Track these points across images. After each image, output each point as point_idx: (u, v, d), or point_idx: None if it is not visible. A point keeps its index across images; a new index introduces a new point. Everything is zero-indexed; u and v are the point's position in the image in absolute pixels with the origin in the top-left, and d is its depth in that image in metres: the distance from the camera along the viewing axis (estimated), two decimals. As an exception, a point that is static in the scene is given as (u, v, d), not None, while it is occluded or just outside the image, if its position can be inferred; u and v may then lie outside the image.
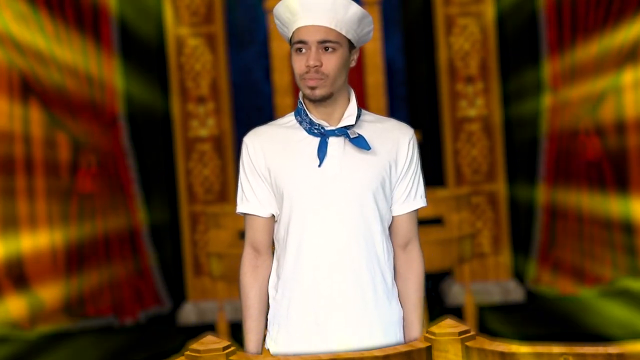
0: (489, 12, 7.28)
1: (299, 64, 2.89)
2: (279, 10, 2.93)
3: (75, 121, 7.20)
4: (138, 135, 7.43)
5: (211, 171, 7.27)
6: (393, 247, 3.02)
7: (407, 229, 3.02)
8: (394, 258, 3.02)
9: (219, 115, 7.30)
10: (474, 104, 7.33)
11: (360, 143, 2.91)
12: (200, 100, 7.27)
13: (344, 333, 2.92)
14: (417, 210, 3.04)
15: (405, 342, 2.96)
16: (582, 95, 7.30)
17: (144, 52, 7.35)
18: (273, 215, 3.00)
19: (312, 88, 2.88)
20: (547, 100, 7.40)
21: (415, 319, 3.00)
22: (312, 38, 2.86)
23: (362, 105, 3.07)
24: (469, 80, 7.31)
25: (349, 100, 2.97)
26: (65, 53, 7.10)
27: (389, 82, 7.41)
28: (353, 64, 2.96)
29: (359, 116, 2.98)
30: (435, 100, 7.41)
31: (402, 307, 3.01)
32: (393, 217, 3.01)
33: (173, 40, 7.26)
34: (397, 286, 3.02)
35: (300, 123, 2.96)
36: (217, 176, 7.26)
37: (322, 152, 2.91)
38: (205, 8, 7.24)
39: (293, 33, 2.91)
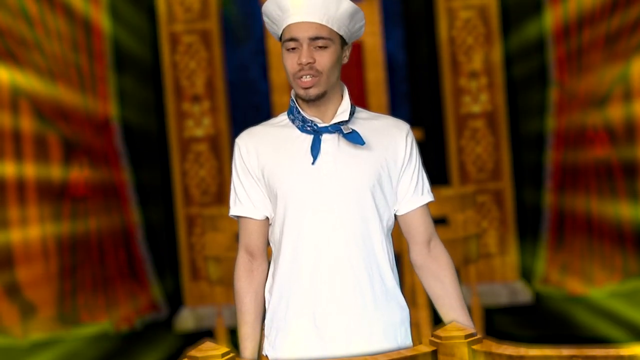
0: (492, 4, 7.26)
1: (291, 62, 2.87)
2: (269, 7, 2.92)
3: (67, 122, 7.15)
4: (132, 136, 7.39)
5: (207, 172, 7.27)
6: (414, 247, 2.98)
7: (425, 225, 2.97)
8: (417, 258, 2.99)
9: (215, 115, 7.28)
10: (478, 100, 7.31)
11: (354, 138, 2.88)
12: (196, 99, 7.25)
13: (343, 336, 2.88)
14: (428, 206, 2.99)
15: None
16: (589, 89, 7.27)
17: (137, 50, 7.31)
18: (267, 218, 2.97)
19: (307, 88, 2.86)
20: (553, 95, 7.37)
21: (467, 321, 2.95)
22: (304, 35, 2.84)
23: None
24: (473, 75, 7.29)
25: (342, 96, 2.95)
26: (55, 52, 7.06)
27: (390, 79, 7.41)
28: (345, 60, 2.95)
29: (353, 113, 2.95)
30: (438, 96, 7.39)
31: (445, 309, 2.98)
32: (405, 215, 2.97)
33: (167, 38, 7.23)
34: (434, 289, 2.98)
35: (293, 121, 2.94)
36: (213, 177, 7.27)
37: (315, 149, 2.88)
38: (199, 4, 7.22)
39: (283, 30, 2.89)
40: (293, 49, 2.86)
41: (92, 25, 7.13)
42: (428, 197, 2.98)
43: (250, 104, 7.44)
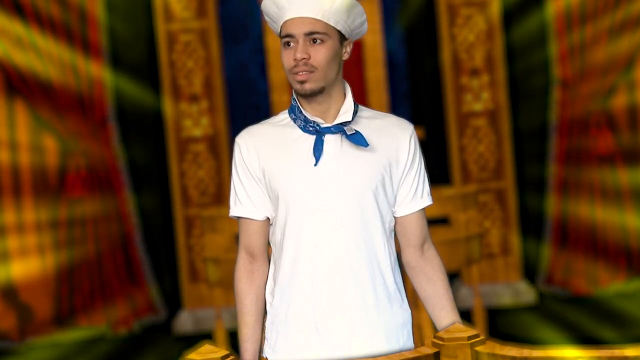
0: (494, 1, 7.23)
1: (287, 58, 2.86)
2: (266, 5, 2.93)
3: (63, 122, 7.12)
4: (129, 137, 7.37)
5: (206, 173, 7.25)
6: (408, 249, 2.99)
7: (420, 229, 2.98)
8: (410, 260, 3.00)
9: (213, 114, 7.26)
10: (479, 98, 7.29)
11: (358, 140, 2.86)
12: (194, 98, 7.23)
13: (345, 339, 2.87)
14: (424, 208, 3.01)
15: None
16: (592, 85, 7.24)
17: (134, 49, 7.31)
18: (268, 218, 2.96)
19: (302, 82, 2.85)
20: (556, 92, 7.34)
21: (458, 319, 2.95)
22: (299, 31, 2.84)
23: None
24: (474, 73, 7.27)
25: (344, 95, 2.94)
26: (51, 51, 7.03)
27: (391, 77, 7.41)
28: (346, 56, 2.93)
29: (356, 112, 2.93)
30: (439, 94, 7.37)
31: (436, 310, 2.98)
32: (402, 217, 2.97)
33: (164, 36, 7.21)
34: (426, 290, 2.99)
35: (295, 121, 2.92)
36: (212, 178, 7.25)
37: (318, 150, 2.86)
38: (197, 2, 7.20)
39: (281, 27, 2.89)
40: (289, 44, 2.85)
41: (89, 22, 7.10)
42: (427, 200, 2.98)
43: (249, 103, 7.43)
